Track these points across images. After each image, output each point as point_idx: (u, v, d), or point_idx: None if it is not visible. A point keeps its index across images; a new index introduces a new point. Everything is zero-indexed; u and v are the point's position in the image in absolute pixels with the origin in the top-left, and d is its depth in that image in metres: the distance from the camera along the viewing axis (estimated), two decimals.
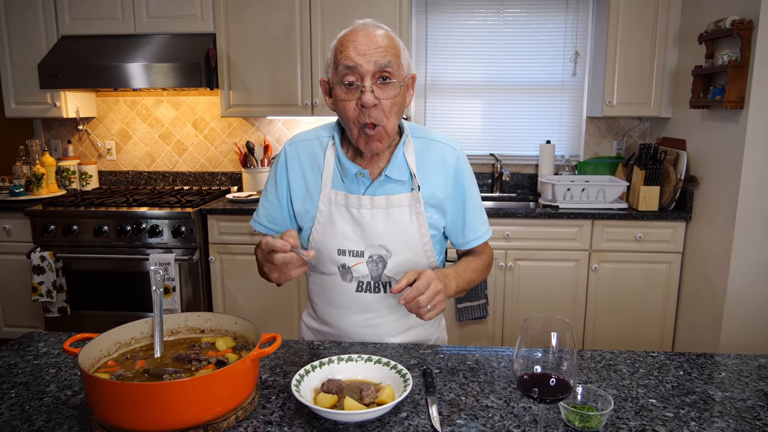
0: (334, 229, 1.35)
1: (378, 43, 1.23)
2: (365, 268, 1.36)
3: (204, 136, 3.70)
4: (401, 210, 1.34)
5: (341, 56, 1.24)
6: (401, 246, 1.35)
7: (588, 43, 3.46)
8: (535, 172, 3.61)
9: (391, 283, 1.37)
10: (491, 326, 3.13)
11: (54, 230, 3.08)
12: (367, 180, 1.34)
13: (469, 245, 1.46)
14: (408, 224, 1.35)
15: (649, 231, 2.97)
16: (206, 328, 1.20)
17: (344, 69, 1.23)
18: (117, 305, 3.17)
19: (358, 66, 1.21)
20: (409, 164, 1.35)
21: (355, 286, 1.37)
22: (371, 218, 1.34)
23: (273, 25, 3.19)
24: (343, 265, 1.36)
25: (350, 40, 1.24)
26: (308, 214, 1.38)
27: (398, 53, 1.27)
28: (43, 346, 1.33)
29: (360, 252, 1.35)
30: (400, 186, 1.35)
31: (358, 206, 1.34)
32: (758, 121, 2.42)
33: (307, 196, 1.38)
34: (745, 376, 1.21)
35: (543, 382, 0.88)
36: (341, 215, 1.35)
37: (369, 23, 1.27)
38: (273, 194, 1.42)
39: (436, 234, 1.40)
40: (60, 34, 3.29)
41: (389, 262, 1.35)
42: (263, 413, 1.04)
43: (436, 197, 1.37)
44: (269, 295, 3.15)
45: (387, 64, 1.22)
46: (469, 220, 1.43)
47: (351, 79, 1.23)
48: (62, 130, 3.76)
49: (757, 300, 2.55)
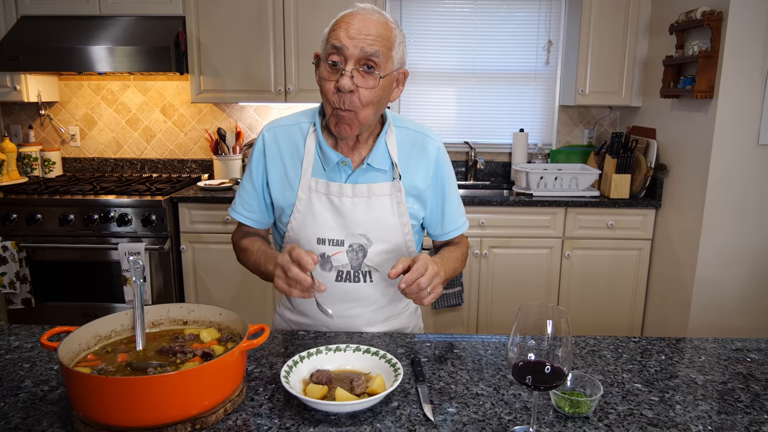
0: (314, 217, 1.33)
1: (370, 30, 1.20)
2: (345, 257, 1.34)
3: (173, 122, 3.60)
4: (382, 199, 1.33)
5: (332, 34, 1.21)
6: (382, 235, 1.34)
7: (561, 32, 3.49)
8: (508, 160, 3.64)
9: (371, 273, 1.36)
10: (466, 313, 3.16)
11: (16, 219, 2.96)
12: (349, 168, 1.32)
13: (447, 236, 1.46)
14: (389, 213, 1.34)
15: (621, 218, 3.03)
16: (189, 320, 1.17)
17: (331, 48, 1.21)
18: (84, 296, 3.07)
19: (344, 48, 1.19)
20: (390, 153, 1.34)
21: (334, 275, 1.35)
22: (352, 206, 1.32)
23: (245, 8, 3.11)
24: (322, 254, 1.34)
25: (345, 21, 1.21)
26: (287, 202, 1.35)
27: (390, 45, 1.23)
28: (14, 339, 1.27)
29: (340, 241, 1.33)
30: (382, 175, 1.34)
31: (340, 194, 1.32)
32: (727, 111, 2.48)
33: (286, 183, 1.35)
34: (723, 360, 1.24)
35: (538, 370, 0.89)
36: (322, 203, 1.33)
37: (369, 8, 1.24)
38: (249, 182, 1.39)
39: (415, 224, 1.40)
40: (19, 14, 3.14)
41: (369, 251, 1.34)
42: (252, 405, 1.02)
43: (417, 188, 1.36)
44: (242, 285, 3.10)
45: (373, 53, 1.19)
46: (448, 211, 1.43)
47: (335, 59, 1.21)
48: (23, 114, 3.61)
49: (724, 285, 2.63)
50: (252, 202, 1.40)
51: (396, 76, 1.29)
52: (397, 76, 1.29)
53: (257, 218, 1.42)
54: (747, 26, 2.40)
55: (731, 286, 2.63)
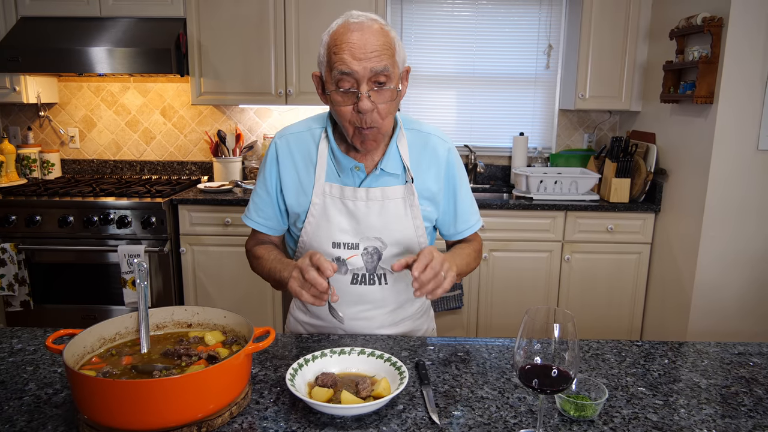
0: (328, 222, 1.34)
1: (374, 45, 1.18)
2: (360, 260, 1.35)
3: (173, 124, 3.60)
4: (396, 202, 1.34)
5: (336, 58, 1.19)
6: (397, 238, 1.35)
7: (561, 36, 3.50)
8: (508, 164, 3.64)
9: (386, 275, 1.37)
10: (466, 316, 3.16)
11: (15, 221, 2.95)
12: (362, 173, 1.33)
13: (460, 236, 1.47)
14: (403, 216, 1.35)
15: (620, 222, 3.03)
16: (193, 322, 1.17)
17: (339, 74, 1.19)
18: (83, 299, 3.06)
19: (354, 72, 1.17)
20: (402, 157, 1.34)
21: (350, 278, 1.36)
22: (366, 210, 1.33)
23: (246, 10, 3.12)
24: (337, 258, 1.35)
25: (345, 41, 1.18)
26: (301, 208, 1.36)
27: (393, 51, 1.22)
28: (17, 342, 1.27)
29: (355, 244, 1.34)
30: (395, 179, 1.35)
31: (354, 198, 1.33)
32: (727, 116, 2.49)
33: (300, 189, 1.36)
34: (726, 364, 1.24)
35: (544, 373, 0.89)
36: (336, 208, 1.34)
37: (363, 20, 1.20)
38: (263, 189, 1.40)
39: (428, 226, 1.41)
40: (19, 15, 3.13)
41: (384, 253, 1.35)
42: (257, 408, 1.02)
43: (430, 190, 1.37)
44: (242, 288, 3.09)
45: (383, 69, 1.19)
46: (461, 211, 1.44)
47: (347, 85, 1.20)
48: (22, 116, 3.60)
49: (724, 290, 2.64)
50: (267, 210, 1.41)
51: (402, 75, 1.29)
52: (402, 75, 1.29)
53: (272, 225, 1.43)
54: (747, 32, 2.42)
55: (731, 291, 2.64)
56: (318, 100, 3.17)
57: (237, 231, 3.04)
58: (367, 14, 1.23)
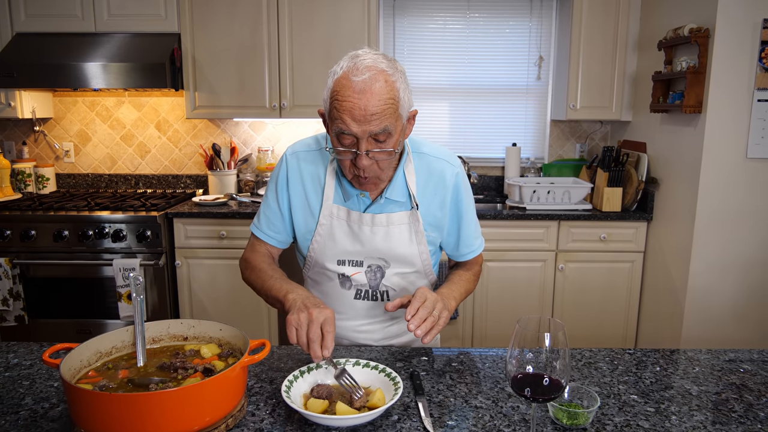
0: (334, 242, 1.37)
1: (375, 107, 1.15)
2: (364, 277, 1.38)
3: (168, 137, 3.61)
4: (401, 228, 1.37)
5: (336, 114, 1.18)
6: (401, 261, 1.38)
7: (552, 48, 3.54)
8: (501, 174, 3.67)
9: (389, 292, 1.40)
10: (462, 327, 3.17)
11: (10, 235, 2.95)
12: (368, 200, 1.35)
13: (462, 258, 1.50)
14: (407, 242, 1.37)
15: (613, 231, 3.06)
16: (189, 336, 1.18)
17: (339, 130, 1.19)
18: (77, 313, 3.05)
19: (353, 133, 1.17)
20: (408, 185, 1.36)
21: (354, 293, 1.40)
22: (371, 235, 1.36)
23: (240, 24, 3.15)
24: (342, 274, 1.39)
25: (346, 98, 1.15)
26: (308, 228, 1.39)
27: (397, 106, 1.19)
28: (13, 357, 1.27)
29: (359, 262, 1.38)
30: (400, 205, 1.37)
31: (359, 223, 1.35)
32: (716, 125, 2.52)
33: (308, 209, 1.39)
34: (717, 370, 1.26)
35: (536, 382, 0.90)
36: (342, 229, 1.37)
37: (367, 77, 1.15)
38: (274, 202, 1.42)
39: (433, 249, 1.44)
40: (14, 31, 3.15)
41: (387, 272, 1.38)
42: (253, 420, 1.02)
43: (435, 216, 1.40)
44: (237, 301, 3.09)
45: (382, 130, 1.18)
46: (464, 235, 1.45)
47: (347, 142, 1.20)
48: (16, 130, 3.61)
49: (716, 296, 2.66)
50: (277, 223, 1.42)
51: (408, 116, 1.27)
52: (407, 121, 1.28)
53: (282, 239, 1.45)
54: (733, 43, 2.46)
55: (723, 297, 2.66)
56: (312, 113, 3.21)
57: (232, 244, 3.04)
58: (374, 60, 1.18)
